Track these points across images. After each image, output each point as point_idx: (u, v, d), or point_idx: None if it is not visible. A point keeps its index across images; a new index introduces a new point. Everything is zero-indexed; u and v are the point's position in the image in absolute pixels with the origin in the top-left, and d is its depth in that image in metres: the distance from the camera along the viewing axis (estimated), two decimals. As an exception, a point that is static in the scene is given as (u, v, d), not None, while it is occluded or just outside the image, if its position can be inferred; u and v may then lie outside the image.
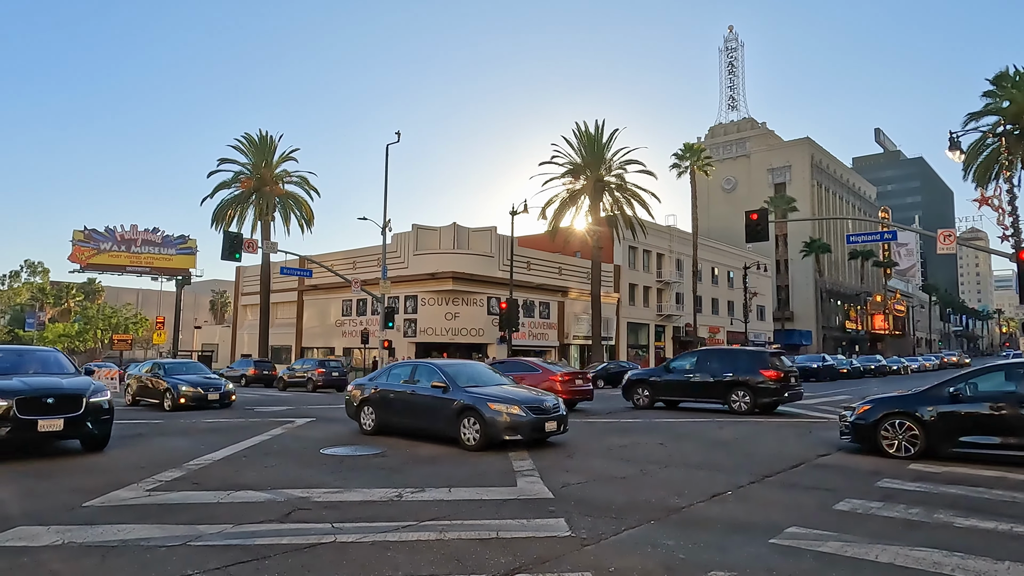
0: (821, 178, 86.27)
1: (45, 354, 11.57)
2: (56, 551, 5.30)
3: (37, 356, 11.36)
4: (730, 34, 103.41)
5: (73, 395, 9.69)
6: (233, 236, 28.37)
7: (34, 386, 9.51)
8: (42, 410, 9.30)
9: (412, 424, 11.89)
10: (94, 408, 9.82)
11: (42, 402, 9.32)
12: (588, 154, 42.17)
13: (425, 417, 11.59)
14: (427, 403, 11.54)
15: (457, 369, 12.15)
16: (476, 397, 10.92)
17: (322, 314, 47.39)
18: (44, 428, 9.26)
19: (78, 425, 9.64)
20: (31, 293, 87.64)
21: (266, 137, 44.37)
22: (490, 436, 10.45)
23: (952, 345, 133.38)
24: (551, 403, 11.11)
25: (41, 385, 9.65)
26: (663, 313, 56.91)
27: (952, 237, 19.97)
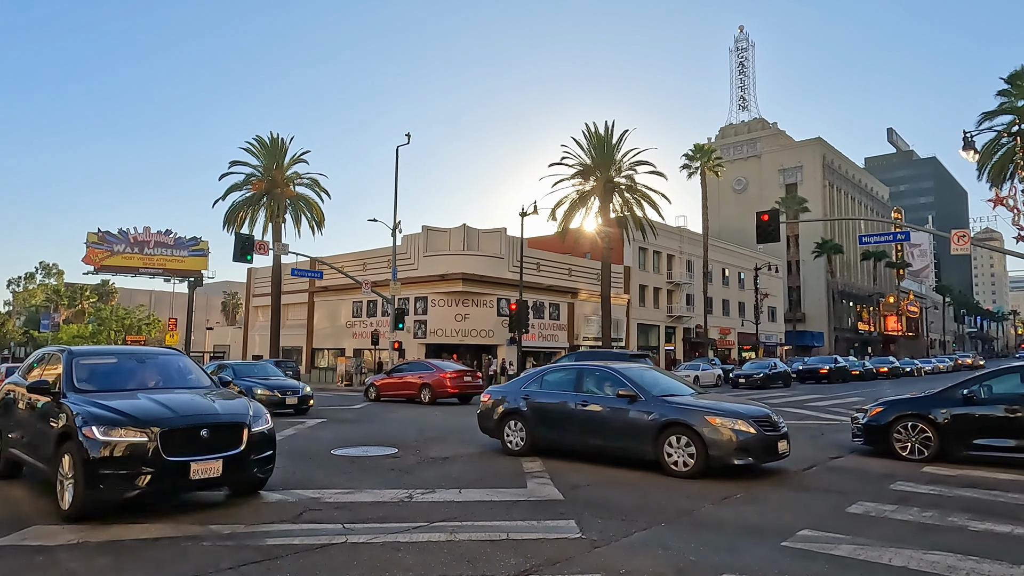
0: (833, 178, 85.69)
1: (167, 359, 8.35)
2: (71, 550, 5.36)
3: (159, 362, 8.18)
4: (741, 34, 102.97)
5: (231, 424, 6.73)
6: (245, 238, 28.56)
7: (181, 410, 6.61)
8: (194, 447, 6.37)
9: (585, 443, 9.60)
10: (258, 440, 6.89)
11: (195, 435, 6.41)
12: (598, 155, 42.08)
13: (606, 434, 9.36)
14: (608, 417, 9.36)
15: (641, 374, 9.97)
16: (684, 408, 8.79)
17: (333, 315, 47.58)
18: (199, 474, 6.29)
19: (240, 468, 6.70)
20: (46, 294, 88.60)
21: (277, 139, 44.62)
22: (711, 459, 8.32)
23: (966, 347, 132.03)
24: (776, 417, 8.95)
25: (190, 409, 6.75)
26: (673, 314, 56.70)
27: (966, 237, 19.77)
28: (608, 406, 9.42)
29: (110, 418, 6.26)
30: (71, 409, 6.43)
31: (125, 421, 6.23)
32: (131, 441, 6.13)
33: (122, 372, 7.70)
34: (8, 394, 8.41)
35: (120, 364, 7.86)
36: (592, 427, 9.55)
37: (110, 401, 6.63)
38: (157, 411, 6.49)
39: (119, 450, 6.07)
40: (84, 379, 7.18)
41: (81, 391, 6.91)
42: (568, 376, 10.43)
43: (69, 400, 6.68)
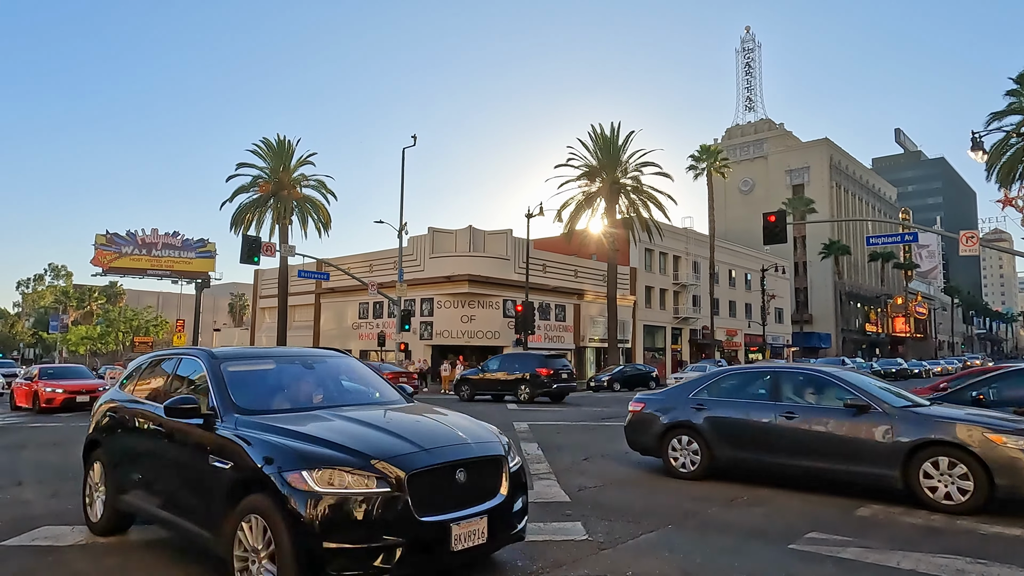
0: (840, 179, 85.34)
1: (337, 362, 6.06)
2: (81, 551, 5.40)
3: (328, 366, 5.88)
4: (747, 35, 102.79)
5: (488, 459, 4.47)
6: (252, 240, 28.69)
7: (423, 440, 4.35)
8: (449, 499, 4.15)
9: (795, 465, 7.70)
10: (518, 482, 4.67)
11: (450, 479, 4.20)
12: (604, 156, 42.07)
13: (826, 455, 7.46)
14: (829, 434, 7.49)
15: (863, 379, 8.18)
16: (944, 422, 6.90)
17: (339, 316, 47.70)
18: (462, 541, 4.06)
19: (504, 526, 4.41)
20: (55, 296, 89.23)
21: (284, 141, 44.79)
22: (998, 490, 6.45)
23: (975, 348, 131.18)
24: None
25: (435, 438, 4.46)
26: (680, 316, 56.59)
27: (975, 238, 19.68)
28: (828, 419, 7.55)
29: (322, 455, 3.96)
30: (245, 440, 4.25)
31: (351, 460, 3.94)
32: (366, 493, 3.83)
33: (287, 383, 5.41)
34: (111, 416, 5.92)
35: (282, 371, 5.56)
36: (804, 446, 7.60)
37: (302, 426, 4.36)
38: (390, 443, 4.18)
39: (350, 508, 3.79)
40: (244, 394, 4.84)
41: (247, 411, 4.61)
42: (757, 381, 8.70)
43: (234, 427, 4.44)
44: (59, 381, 20.34)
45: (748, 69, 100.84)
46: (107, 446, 5.87)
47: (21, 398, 20.78)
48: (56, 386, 19.76)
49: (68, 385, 20.10)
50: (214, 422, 4.58)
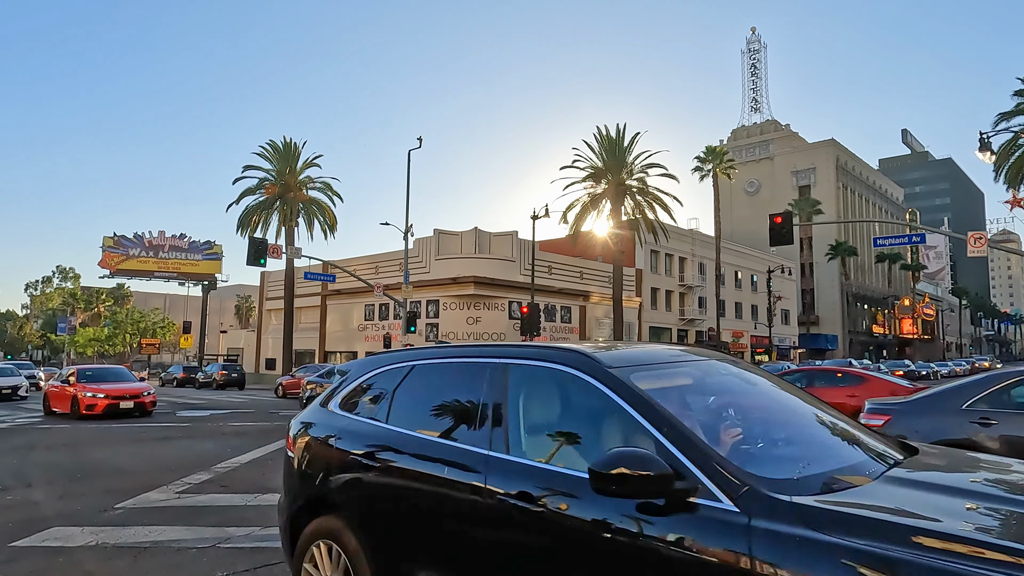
0: (846, 180, 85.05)
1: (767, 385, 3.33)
2: (90, 551, 5.43)
3: (763, 387, 3.25)
4: (752, 36, 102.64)
5: None
6: (258, 242, 28.78)
7: None
8: None
9: None
10: None
11: None
12: (609, 158, 42.05)
13: None
14: None
15: None
16: None
17: (345, 318, 47.80)
18: None
19: None
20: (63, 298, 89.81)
21: (290, 144, 44.95)
22: None
23: (984, 350, 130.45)
24: None
25: None
26: (686, 317, 56.48)
27: (983, 239, 19.58)
28: None
29: None
30: None
31: None
32: None
33: (739, 411, 3.06)
34: (364, 464, 3.28)
35: (706, 387, 3.19)
36: None
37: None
38: None
39: None
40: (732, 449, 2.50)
41: (775, 487, 2.12)
42: None
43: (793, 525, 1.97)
44: (100, 385, 18.48)
45: (754, 70, 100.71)
46: (370, 519, 3.19)
47: (57, 402, 18.81)
48: (98, 390, 17.96)
49: (111, 390, 18.26)
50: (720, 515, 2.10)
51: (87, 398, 17.65)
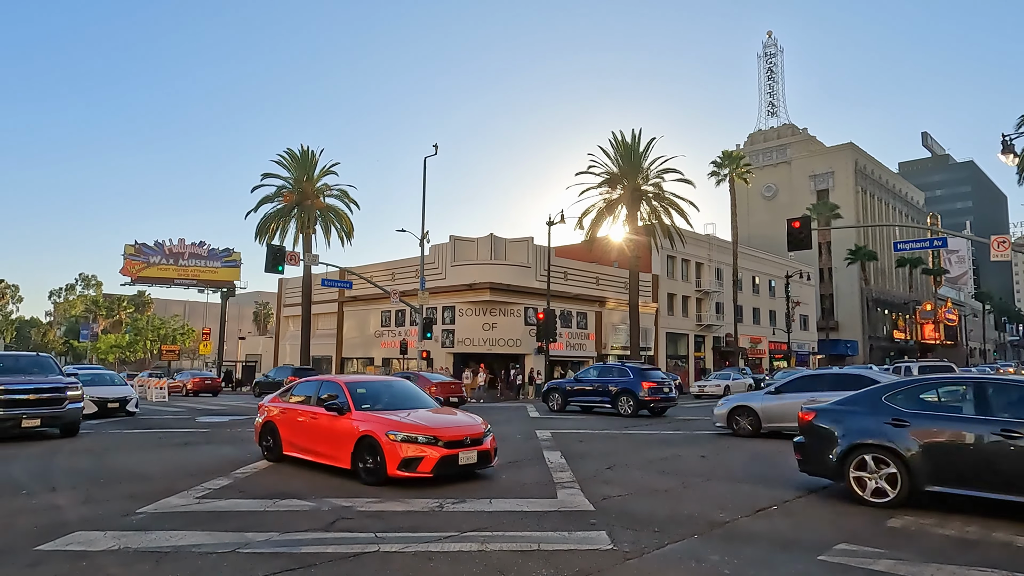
0: (866, 184, 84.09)
1: None
2: (113, 556, 5.50)
3: None
4: (769, 40, 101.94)
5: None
6: (276, 249, 29.05)
7: None
8: None
9: None
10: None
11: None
12: (625, 163, 41.96)
13: None
14: None
15: None
16: None
17: (362, 325, 48.05)
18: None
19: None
20: (85, 305, 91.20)
21: (307, 152, 45.39)
22: None
23: (1008, 355, 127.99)
24: None
25: None
26: (703, 323, 56.06)
27: (1007, 243, 19.25)
28: None
29: None
30: None
31: None
32: None
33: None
34: None
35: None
36: None
37: None
38: None
39: None
40: None
41: None
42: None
43: None
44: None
45: (770, 74, 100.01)
46: None
47: None
48: None
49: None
50: None
51: None
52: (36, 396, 13.50)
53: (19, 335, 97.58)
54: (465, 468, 8.67)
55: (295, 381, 11.70)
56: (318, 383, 10.42)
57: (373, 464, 8.52)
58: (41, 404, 13.53)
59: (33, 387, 13.55)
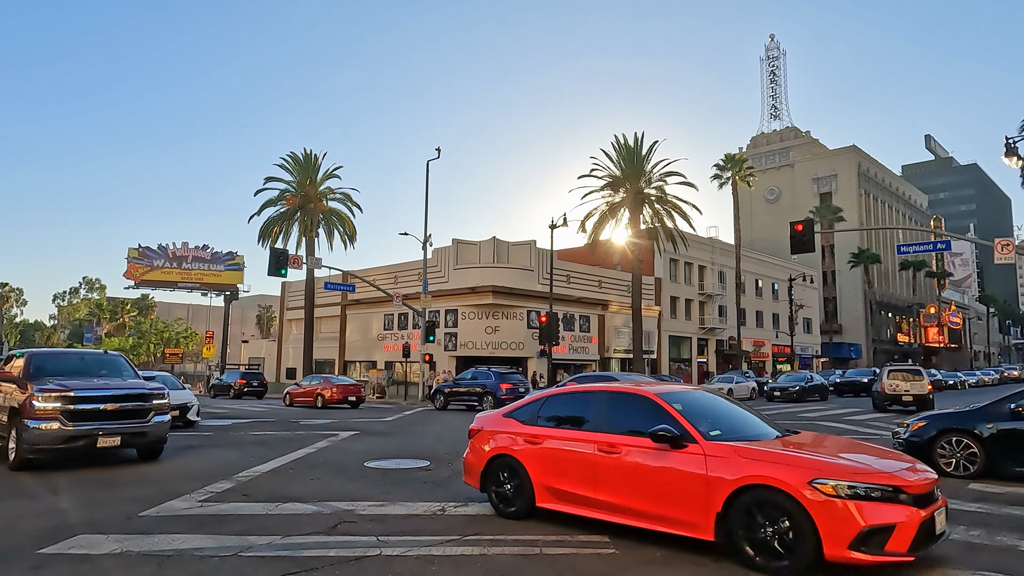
0: (869, 187, 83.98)
1: None
2: (115, 559, 5.50)
3: None
4: (771, 43, 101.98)
5: None
6: (279, 252, 29.13)
7: None
8: None
9: None
10: None
11: None
12: (627, 166, 41.98)
13: None
14: None
15: None
16: None
17: (364, 328, 48.08)
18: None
19: None
20: (89, 308, 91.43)
21: (310, 155, 45.50)
22: None
23: (1013, 358, 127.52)
24: None
25: None
26: (706, 326, 56.00)
27: (1011, 246, 19.21)
28: None
29: None
30: None
31: None
32: None
33: None
34: None
35: None
36: None
37: None
38: None
39: None
40: None
41: None
42: None
43: None
44: None
45: (773, 77, 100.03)
46: None
47: None
48: None
49: None
50: None
51: None
52: (116, 406, 10.19)
53: (23, 338, 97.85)
54: (938, 539, 5.34)
55: (542, 395, 7.53)
56: (609, 396, 6.67)
57: (779, 537, 5.03)
58: (122, 416, 10.24)
59: (112, 394, 10.24)
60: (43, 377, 10.36)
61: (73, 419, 9.77)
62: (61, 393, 9.78)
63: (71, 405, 9.80)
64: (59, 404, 9.72)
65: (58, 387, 9.88)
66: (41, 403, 9.67)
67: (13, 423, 10.09)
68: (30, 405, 9.69)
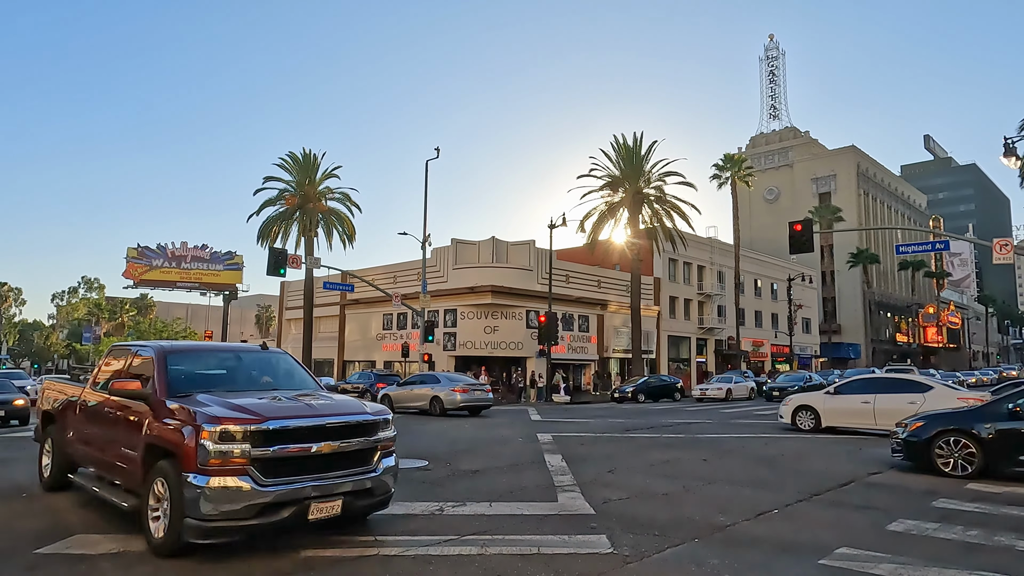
0: (868, 187, 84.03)
1: None
2: (113, 559, 5.49)
3: None
4: (771, 43, 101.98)
5: None
6: (278, 252, 29.09)
7: None
8: None
9: None
10: None
11: None
12: (627, 166, 41.99)
13: None
14: None
15: None
16: None
17: (363, 328, 48.07)
18: None
19: None
20: (88, 308, 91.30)
21: (309, 155, 45.49)
22: None
23: (1011, 359, 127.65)
24: None
25: None
26: (705, 326, 56.01)
27: (1009, 246, 19.20)
28: None
29: None
30: None
31: None
32: None
33: None
34: None
35: None
36: None
37: None
38: None
39: None
40: None
41: None
42: None
43: None
44: None
45: (772, 77, 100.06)
46: None
47: None
48: None
49: None
50: None
51: None
52: (334, 446, 5.86)
53: (22, 338, 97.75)
54: None
55: None
56: None
57: None
58: (341, 463, 5.92)
59: (324, 424, 5.88)
60: (189, 391, 6.18)
61: (270, 472, 5.43)
62: (247, 424, 5.41)
63: (267, 448, 5.43)
64: (246, 445, 5.36)
65: (239, 414, 5.52)
66: (216, 443, 5.30)
67: (156, 474, 5.67)
68: (195, 447, 5.32)
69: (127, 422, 6.36)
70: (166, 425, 5.74)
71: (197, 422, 5.42)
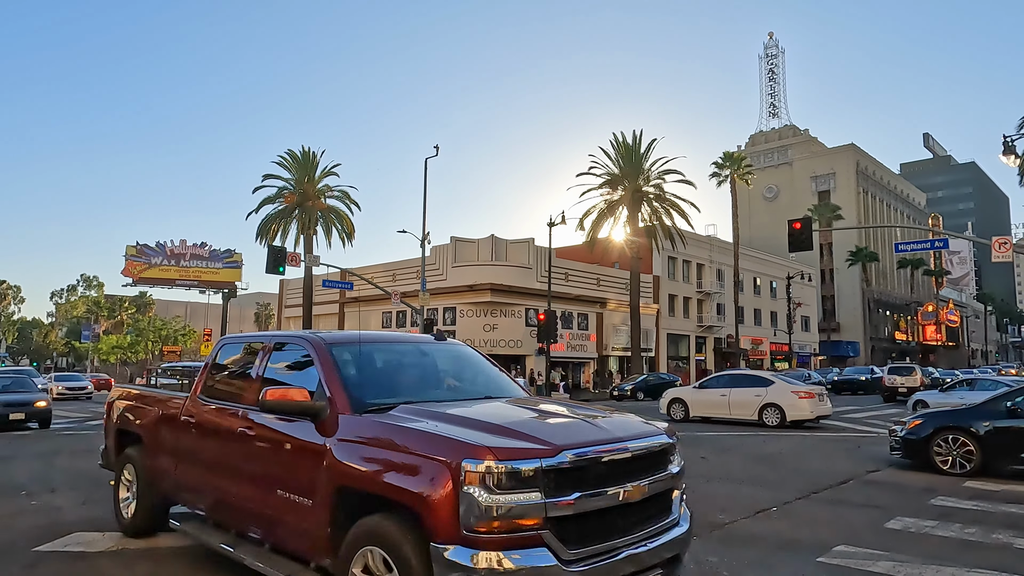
0: (867, 185, 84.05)
1: None
2: (112, 557, 5.48)
3: None
4: (770, 41, 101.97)
5: None
6: (277, 250, 29.04)
7: None
8: None
9: None
10: None
11: None
12: (626, 164, 41.96)
13: None
14: None
15: None
16: None
17: (363, 326, 48.02)
18: None
19: None
20: (87, 306, 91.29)
21: (308, 153, 45.43)
22: None
23: (1010, 357, 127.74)
24: None
25: None
26: (704, 324, 56.03)
27: (1008, 245, 19.20)
28: None
29: None
30: None
31: None
32: None
33: None
34: None
35: None
36: None
37: None
38: None
39: None
40: None
41: None
42: None
43: None
44: None
45: (771, 75, 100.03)
46: None
47: None
48: None
49: None
50: None
51: None
52: (641, 487, 3.62)
53: (21, 336, 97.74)
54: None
55: None
56: None
57: None
58: (649, 512, 3.74)
59: (622, 447, 3.60)
60: (379, 401, 4.10)
61: (572, 538, 3.29)
62: (538, 459, 3.23)
63: (567, 496, 3.27)
64: (536, 494, 3.18)
65: (519, 442, 3.34)
66: (491, 492, 3.11)
67: (365, 541, 3.48)
68: (454, 498, 3.14)
69: (281, 450, 4.20)
70: (373, 460, 3.57)
71: (445, 456, 3.23)
